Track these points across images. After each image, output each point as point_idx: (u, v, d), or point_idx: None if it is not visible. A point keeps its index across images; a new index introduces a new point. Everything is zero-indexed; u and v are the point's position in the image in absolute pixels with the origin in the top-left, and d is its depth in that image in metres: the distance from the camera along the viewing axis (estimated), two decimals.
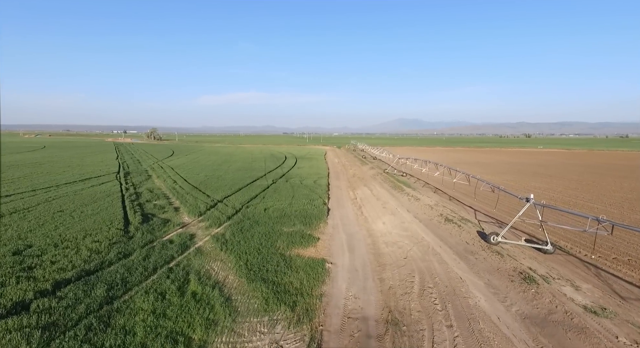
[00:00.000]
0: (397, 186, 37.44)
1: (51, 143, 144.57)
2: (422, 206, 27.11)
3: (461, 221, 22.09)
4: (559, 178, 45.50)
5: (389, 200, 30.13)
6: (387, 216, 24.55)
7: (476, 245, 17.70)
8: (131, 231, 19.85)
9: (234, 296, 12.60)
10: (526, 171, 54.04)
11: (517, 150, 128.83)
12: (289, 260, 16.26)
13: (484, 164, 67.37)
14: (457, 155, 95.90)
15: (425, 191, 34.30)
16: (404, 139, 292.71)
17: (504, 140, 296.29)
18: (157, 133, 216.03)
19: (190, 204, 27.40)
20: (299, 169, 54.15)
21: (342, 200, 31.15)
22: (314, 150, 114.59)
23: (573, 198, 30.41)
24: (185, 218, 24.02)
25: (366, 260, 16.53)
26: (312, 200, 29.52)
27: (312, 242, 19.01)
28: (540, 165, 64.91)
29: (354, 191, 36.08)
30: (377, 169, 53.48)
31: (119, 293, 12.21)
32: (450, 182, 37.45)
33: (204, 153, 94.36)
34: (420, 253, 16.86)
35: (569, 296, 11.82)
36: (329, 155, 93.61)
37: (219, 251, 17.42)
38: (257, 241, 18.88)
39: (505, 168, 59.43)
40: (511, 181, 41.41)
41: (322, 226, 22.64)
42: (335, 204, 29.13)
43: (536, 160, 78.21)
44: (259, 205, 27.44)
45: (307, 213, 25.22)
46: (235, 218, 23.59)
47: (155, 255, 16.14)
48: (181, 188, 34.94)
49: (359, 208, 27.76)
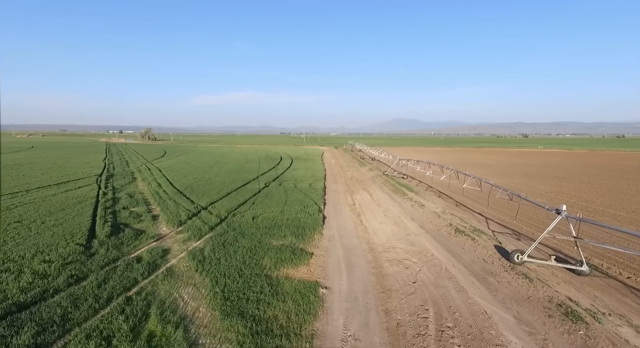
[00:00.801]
0: (398, 189, 34.87)
1: (41, 143, 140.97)
2: (427, 214, 24.51)
3: (474, 233, 19.50)
4: (568, 180, 43.10)
5: (390, 206, 27.52)
6: (389, 225, 21.93)
7: (496, 264, 15.10)
8: (94, 246, 17.08)
9: (201, 340, 9.90)
10: (532, 173, 51.64)
11: (517, 150, 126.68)
12: (275, 283, 13.60)
13: (486, 165, 64.96)
14: (457, 156, 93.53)
15: (429, 196, 31.73)
16: (402, 139, 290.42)
17: (502, 140, 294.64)
18: (152, 133, 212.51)
19: (171, 212, 24.66)
20: (294, 171, 51.47)
21: (339, 206, 28.52)
22: (311, 151, 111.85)
23: (591, 204, 27.92)
24: (163, 229, 21.29)
25: (367, 284, 13.89)
26: (306, 207, 26.85)
27: (304, 259, 16.37)
28: (545, 166, 62.58)
29: (352, 195, 33.46)
30: (376, 171, 50.90)
31: (50, 339, 9.46)
32: (457, 186, 34.92)
33: (196, 153, 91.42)
34: (432, 275, 14.23)
35: (633, 343, 9.22)
36: (326, 156, 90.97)
37: (193, 272, 14.72)
38: (240, 258, 16.20)
39: (510, 169, 57.03)
40: (518, 184, 38.96)
41: (317, 238, 20.00)
42: (332, 211, 26.49)
43: (540, 161, 75.93)
44: (247, 213, 24.73)
45: (300, 222, 22.56)
46: (219, 229, 20.88)
47: (114, 279, 13.42)
48: (165, 193, 32.17)
49: (357, 216, 25.13)
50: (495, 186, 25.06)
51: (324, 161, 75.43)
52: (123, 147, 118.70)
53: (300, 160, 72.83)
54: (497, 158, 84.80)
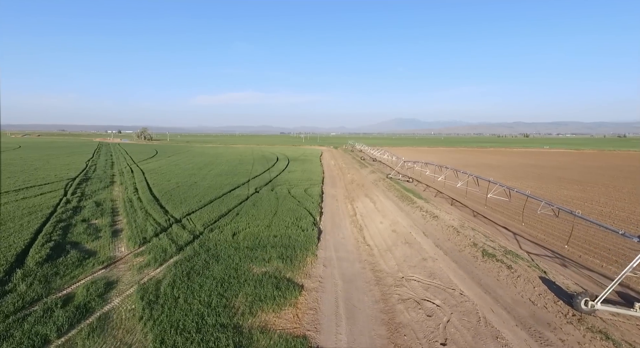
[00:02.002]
0: (404, 196, 30.86)
1: (32, 143, 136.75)
2: (443, 228, 20.51)
3: (507, 256, 15.49)
4: (590, 184, 39.09)
5: (398, 217, 23.52)
6: (399, 246, 17.94)
7: (551, 309, 11.10)
8: (15, 278, 13.07)
9: None
10: (547, 175, 47.63)
11: (523, 150, 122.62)
12: (247, 344, 9.63)
13: (495, 166, 60.93)
14: (462, 156, 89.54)
15: (440, 204, 27.74)
16: (402, 139, 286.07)
17: (504, 140, 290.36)
18: (148, 133, 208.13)
19: (138, 226, 20.67)
20: (290, 174, 47.45)
21: (338, 217, 24.52)
22: (309, 151, 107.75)
23: (630, 214, 23.92)
24: (121, 249, 17.30)
25: (376, 342, 9.90)
26: (299, 218, 22.84)
27: (290, 296, 12.39)
28: (558, 168, 58.58)
29: (352, 203, 29.46)
30: (378, 174, 46.85)
31: None
32: (471, 193, 30.90)
33: (189, 154, 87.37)
34: (467, 329, 10.22)
35: None
36: (325, 157, 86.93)
37: (136, 321, 10.73)
38: (205, 296, 12.21)
39: (521, 171, 53.02)
40: (536, 189, 34.94)
41: (310, 261, 16.02)
42: (329, 224, 22.50)
43: (550, 162, 71.94)
44: (228, 227, 20.70)
45: (290, 240, 18.56)
46: (189, 250, 16.88)
47: (13, 340, 9.41)
48: (139, 201, 28.17)
49: (359, 230, 21.14)
50: (534, 198, 20.92)
51: (323, 162, 71.42)
52: (115, 147, 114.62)
53: (298, 161, 68.82)
54: (504, 159, 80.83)
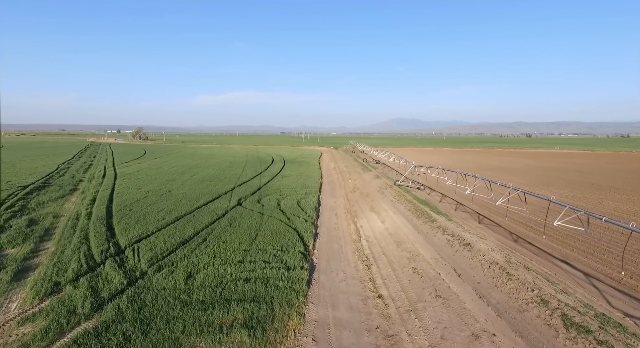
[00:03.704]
0: (419, 210, 25.08)
1: (19, 143, 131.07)
2: (483, 265, 14.74)
3: (605, 329, 9.75)
4: (634, 193, 33.26)
5: (416, 244, 17.77)
6: (428, 301, 12.19)
7: None
8: None
9: None
10: (576, 181, 41.78)
11: (533, 151, 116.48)
12: None
13: (511, 169, 55.06)
14: (470, 158, 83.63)
15: (465, 222, 21.96)
16: (404, 139, 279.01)
17: (506, 140, 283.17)
18: (143, 133, 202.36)
19: (60, 261, 14.96)
20: (283, 180, 41.68)
21: (337, 243, 18.77)
22: (308, 152, 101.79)
23: None
24: (8, 307, 11.61)
25: None
26: (284, 248, 17.06)
27: None
28: (581, 171, 52.73)
29: (356, 221, 23.72)
30: (384, 179, 40.96)
31: None
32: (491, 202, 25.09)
33: (179, 155, 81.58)
34: None
35: None
36: (325, 158, 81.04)
37: None
38: None
39: (544, 175, 47.16)
40: (573, 199, 29.15)
41: (293, 328, 10.34)
42: (326, 257, 16.75)
43: (569, 164, 66.03)
44: (183, 264, 14.93)
45: (267, 288, 12.83)
46: (110, 311, 11.16)
47: None
48: (87, 217, 22.46)
49: (367, 268, 15.39)
50: (594, 217, 15.16)
51: (322, 164, 65.63)
52: (104, 148, 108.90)
53: (294, 164, 63.00)
54: (518, 161, 74.87)
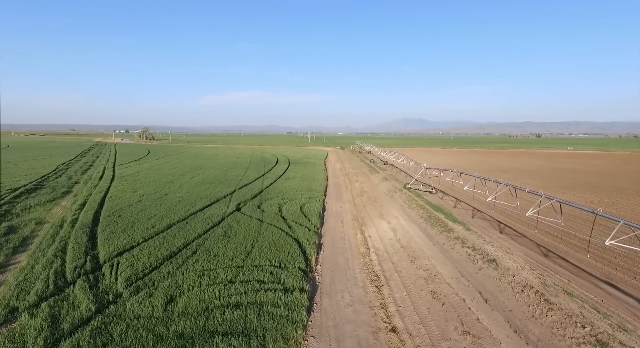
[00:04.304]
0: (433, 217, 22.86)
1: (26, 143, 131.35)
2: (514, 289, 12.52)
3: None
4: None
5: (433, 259, 15.61)
6: (454, 338, 10.03)
7: None
8: None
9: None
10: (599, 184, 39.04)
11: (547, 152, 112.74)
12: None
13: (527, 171, 52.31)
14: (482, 158, 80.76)
15: (486, 231, 19.71)
16: (411, 139, 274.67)
17: (516, 140, 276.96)
18: (150, 133, 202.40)
19: (26, 279, 13.17)
20: (287, 182, 39.69)
21: (343, 257, 16.69)
22: (314, 152, 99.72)
23: None
24: None
25: None
26: (283, 262, 15.05)
27: None
28: (602, 174, 49.78)
29: (364, 230, 21.60)
30: (392, 182, 38.74)
31: None
32: (509, 207, 22.72)
33: (182, 155, 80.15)
34: None
35: None
36: (331, 159, 78.89)
37: None
38: None
39: (564, 178, 44.42)
40: (598, 204, 26.61)
41: None
42: (329, 275, 14.68)
43: (586, 166, 62.86)
44: (165, 284, 12.96)
45: (259, 317, 10.80)
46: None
47: None
48: (72, 224, 20.74)
49: (377, 290, 13.29)
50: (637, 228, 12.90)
51: (328, 165, 63.53)
52: (109, 148, 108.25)
53: (299, 165, 61.00)
54: (533, 162, 71.80)
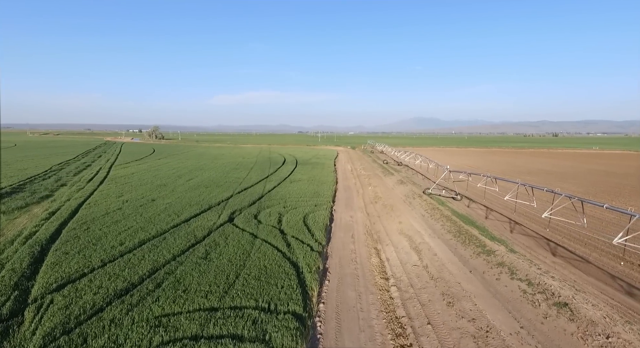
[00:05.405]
0: (463, 233, 18.54)
1: (36, 142, 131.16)
2: None
3: None
4: None
5: (478, 301, 11.39)
6: None
7: None
8: None
9: None
10: None
11: (571, 152, 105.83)
12: None
13: (558, 174, 47.07)
14: (502, 159, 75.27)
15: (533, 254, 15.31)
16: (424, 139, 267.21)
17: (533, 139, 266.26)
18: (159, 132, 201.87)
19: None
20: (292, 185, 35.71)
21: (354, 292, 12.60)
22: (324, 152, 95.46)
23: None
24: None
25: None
26: (273, 302, 11.00)
27: None
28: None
29: (379, 250, 17.41)
30: (409, 186, 34.31)
31: None
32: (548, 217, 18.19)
33: (185, 155, 77.14)
34: None
35: None
36: (341, 159, 74.61)
37: None
38: None
39: (601, 181, 39.19)
40: None
41: None
42: (334, 322, 10.67)
43: (622, 168, 57.00)
44: (97, 345, 9.11)
45: None
46: None
47: None
48: (22, 242, 17.22)
49: None
50: None
51: (337, 167, 59.32)
52: (114, 147, 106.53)
53: (307, 166, 56.96)
54: (561, 163, 66.03)
